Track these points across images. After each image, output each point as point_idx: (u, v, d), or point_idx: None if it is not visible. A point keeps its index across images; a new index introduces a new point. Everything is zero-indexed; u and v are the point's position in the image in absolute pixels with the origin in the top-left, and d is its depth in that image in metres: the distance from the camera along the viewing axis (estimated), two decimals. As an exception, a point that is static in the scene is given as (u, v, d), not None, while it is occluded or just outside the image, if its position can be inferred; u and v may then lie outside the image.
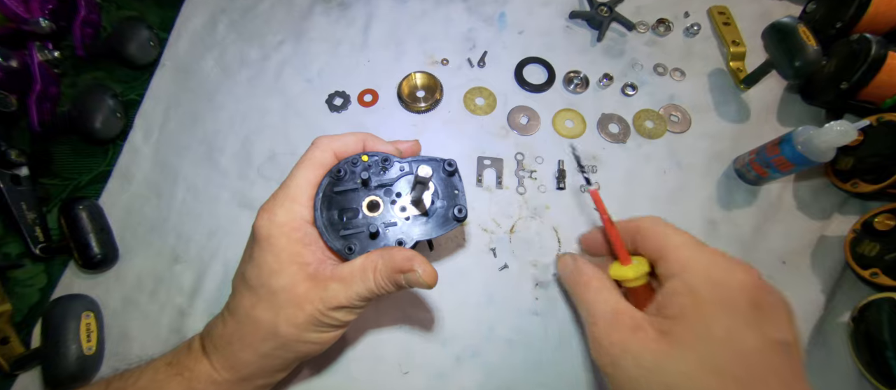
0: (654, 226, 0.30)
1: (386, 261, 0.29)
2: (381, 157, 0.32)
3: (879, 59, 0.45)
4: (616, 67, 0.56)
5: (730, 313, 0.25)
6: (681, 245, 0.28)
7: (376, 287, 0.29)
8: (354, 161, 0.32)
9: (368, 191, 0.32)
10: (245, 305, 0.29)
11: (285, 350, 0.30)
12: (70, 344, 0.38)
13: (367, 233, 0.31)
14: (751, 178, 0.49)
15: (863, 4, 0.49)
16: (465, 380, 0.41)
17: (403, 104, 0.53)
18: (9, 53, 0.45)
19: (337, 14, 0.60)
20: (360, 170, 0.31)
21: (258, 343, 0.29)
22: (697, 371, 0.24)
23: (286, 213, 0.29)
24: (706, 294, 0.25)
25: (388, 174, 0.32)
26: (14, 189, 0.43)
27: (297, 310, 0.28)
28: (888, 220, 0.42)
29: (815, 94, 0.52)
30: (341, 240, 0.30)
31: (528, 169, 0.50)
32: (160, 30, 0.58)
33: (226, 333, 0.30)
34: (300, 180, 0.30)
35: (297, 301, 0.28)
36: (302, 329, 0.29)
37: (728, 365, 0.24)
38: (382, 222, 0.31)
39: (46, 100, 0.49)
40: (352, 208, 0.31)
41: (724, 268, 0.26)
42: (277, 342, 0.29)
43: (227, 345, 0.30)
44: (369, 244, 0.31)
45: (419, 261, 0.29)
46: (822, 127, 0.41)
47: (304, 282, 0.28)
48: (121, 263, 0.45)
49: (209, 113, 0.53)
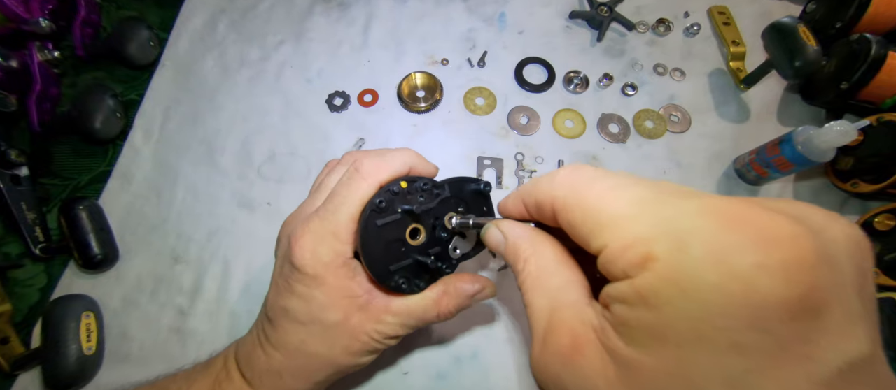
0: (566, 193, 0.19)
1: (456, 292, 0.30)
2: (420, 184, 0.30)
3: (879, 59, 0.45)
4: (616, 67, 0.56)
5: (746, 351, 0.13)
6: (616, 218, 0.16)
7: (440, 319, 0.30)
8: (395, 190, 0.29)
9: (409, 218, 0.30)
10: (294, 341, 0.29)
11: (338, 374, 0.31)
12: (70, 344, 0.38)
13: (414, 263, 0.30)
14: (751, 178, 0.49)
15: (863, 4, 0.49)
16: (465, 380, 0.41)
17: (403, 104, 0.53)
18: (9, 53, 0.45)
19: (337, 14, 0.60)
20: (399, 200, 0.30)
21: (313, 372, 0.30)
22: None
23: (330, 252, 0.28)
24: (695, 311, 0.14)
25: (425, 199, 0.30)
26: (14, 189, 0.43)
27: (353, 341, 0.29)
28: (888, 220, 0.42)
29: (815, 93, 0.52)
30: (389, 276, 0.29)
31: (528, 169, 0.50)
32: (160, 30, 0.58)
33: (272, 366, 0.30)
34: (343, 217, 0.28)
35: (353, 333, 0.29)
36: (357, 356, 0.30)
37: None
38: (425, 249, 0.30)
39: (46, 100, 0.49)
40: (396, 239, 0.29)
41: (734, 244, 0.14)
42: (334, 370, 0.30)
43: (276, 377, 0.30)
44: (416, 275, 0.30)
45: (481, 280, 0.31)
46: (822, 127, 0.41)
47: (357, 314, 0.29)
48: (121, 263, 0.45)
49: (209, 113, 0.53)
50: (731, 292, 0.13)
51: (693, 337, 0.14)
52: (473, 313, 0.43)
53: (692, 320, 0.14)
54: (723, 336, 0.13)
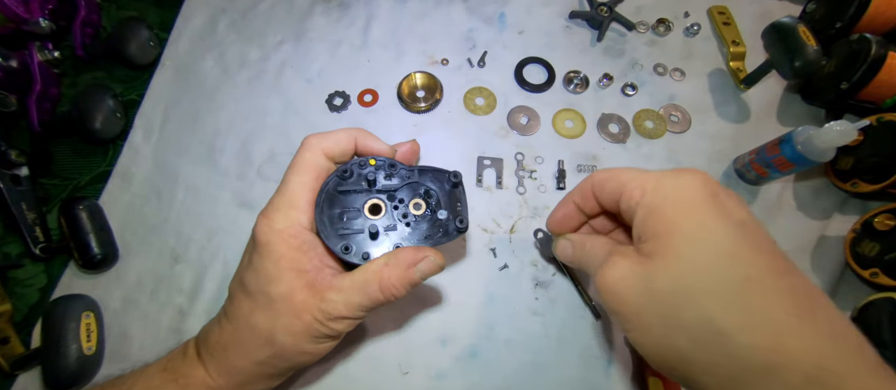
0: (603, 173, 0.30)
1: (397, 261, 0.29)
2: (388, 163, 0.33)
3: (879, 59, 0.45)
4: (616, 67, 0.56)
5: (693, 212, 0.25)
6: (631, 178, 0.28)
7: (383, 295, 0.29)
8: (362, 163, 0.32)
9: (372, 193, 0.32)
10: (243, 311, 0.29)
11: (280, 359, 0.29)
12: (70, 344, 0.38)
13: (366, 234, 0.31)
14: (751, 178, 0.49)
15: (863, 4, 0.49)
16: (465, 380, 0.41)
17: (403, 104, 0.53)
18: (9, 53, 0.45)
19: (337, 14, 0.60)
20: (366, 172, 0.32)
21: (254, 350, 0.29)
22: (689, 275, 0.24)
23: (285, 219, 0.29)
24: (668, 207, 0.25)
25: (393, 180, 0.32)
26: (14, 189, 0.43)
27: (295, 319, 0.28)
28: (888, 220, 0.42)
29: (815, 94, 0.52)
30: (340, 239, 0.30)
31: (528, 169, 0.50)
32: (160, 30, 0.58)
33: (222, 339, 0.30)
34: (295, 185, 0.30)
35: (296, 310, 0.28)
36: (299, 338, 0.29)
37: (713, 257, 0.24)
38: (383, 226, 0.31)
39: (46, 100, 0.49)
40: (354, 209, 0.31)
41: (673, 177, 0.27)
42: (273, 350, 0.29)
43: (223, 352, 0.30)
44: (368, 244, 0.31)
45: (425, 249, 0.30)
46: (822, 127, 0.41)
47: (303, 291, 0.28)
48: (121, 263, 0.45)
49: (209, 113, 0.53)
50: (683, 200, 0.26)
51: (671, 226, 0.25)
52: (473, 313, 0.43)
53: (669, 218, 0.25)
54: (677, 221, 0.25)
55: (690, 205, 0.25)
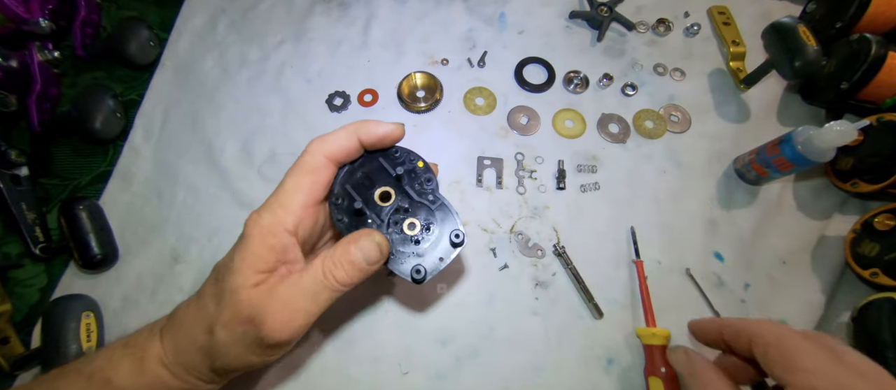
0: (780, 340, 0.27)
1: (342, 247, 0.29)
2: (425, 177, 0.32)
3: (879, 59, 0.45)
4: (616, 67, 0.56)
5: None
6: (814, 370, 0.24)
7: (329, 277, 0.29)
8: (413, 159, 0.33)
9: (392, 183, 0.32)
10: (205, 290, 0.30)
11: (215, 353, 0.29)
12: (70, 344, 0.38)
13: (358, 209, 0.31)
14: (751, 178, 0.49)
15: (863, 4, 0.49)
16: (465, 380, 0.41)
17: (403, 104, 0.53)
18: (9, 53, 0.45)
19: (337, 14, 0.60)
20: (405, 168, 0.32)
21: (198, 333, 0.29)
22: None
23: (270, 217, 0.29)
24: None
25: (413, 189, 0.32)
26: (14, 189, 0.43)
27: (234, 318, 0.28)
28: (888, 220, 0.42)
29: (815, 93, 0.52)
30: (334, 198, 0.31)
31: (528, 169, 0.50)
32: (160, 30, 0.58)
33: (181, 313, 0.30)
34: (289, 187, 0.30)
35: (237, 308, 0.28)
36: (232, 340, 0.28)
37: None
38: (375, 213, 0.31)
39: (46, 100, 0.49)
40: (365, 186, 0.32)
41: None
42: (210, 341, 0.28)
43: (179, 327, 0.30)
44: (351, 218, 0.31)
45: (369, 232, 0.30)
46: (822, 127, 0.41)
47: (250, 291, 0.28)
48: (121, 263, 0.45)
49: (209, 113, 0.53)
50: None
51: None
52: (473, 313, 0.43)
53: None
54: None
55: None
